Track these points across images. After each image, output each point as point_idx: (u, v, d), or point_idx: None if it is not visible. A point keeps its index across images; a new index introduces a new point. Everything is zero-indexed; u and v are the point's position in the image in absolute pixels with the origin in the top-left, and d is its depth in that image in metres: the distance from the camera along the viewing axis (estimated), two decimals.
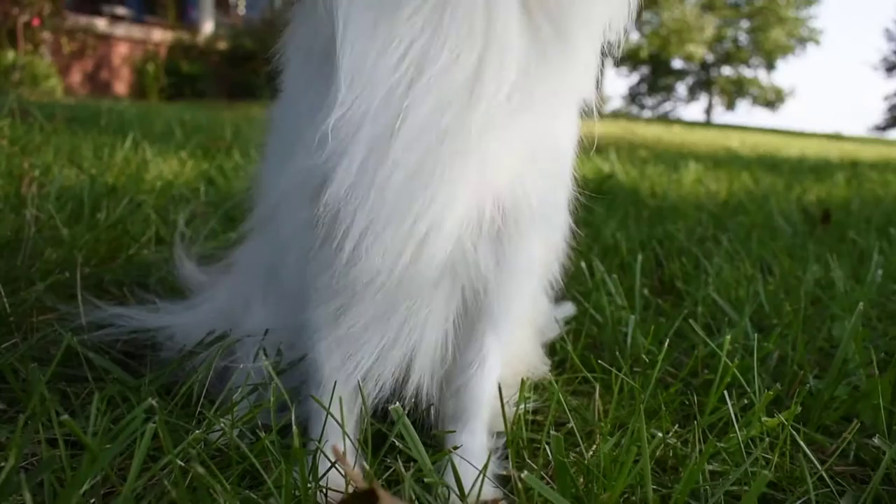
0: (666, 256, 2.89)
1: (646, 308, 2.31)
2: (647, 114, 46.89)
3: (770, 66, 50.07)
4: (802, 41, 48.49)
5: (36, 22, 15.19)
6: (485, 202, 1.18)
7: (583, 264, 2.30)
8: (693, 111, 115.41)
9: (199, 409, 1.45)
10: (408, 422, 1.19)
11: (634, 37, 42.19)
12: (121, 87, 17.59)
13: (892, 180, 7.13)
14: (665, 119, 32.15)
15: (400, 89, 1.11)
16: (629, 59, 45.54)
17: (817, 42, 48.66)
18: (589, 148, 1.38)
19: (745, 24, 47.88)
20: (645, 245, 2.99)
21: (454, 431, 1.37)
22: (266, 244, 1.55)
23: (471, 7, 1.09)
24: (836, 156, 11.97)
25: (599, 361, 1.68)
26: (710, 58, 47.95)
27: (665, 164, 7.08)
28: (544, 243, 1.38)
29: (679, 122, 23.92)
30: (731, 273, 2.55)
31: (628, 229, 3.38)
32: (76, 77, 16.93)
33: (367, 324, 1.30)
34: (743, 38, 48.57)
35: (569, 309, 2.06)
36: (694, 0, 39.09)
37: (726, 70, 50.55)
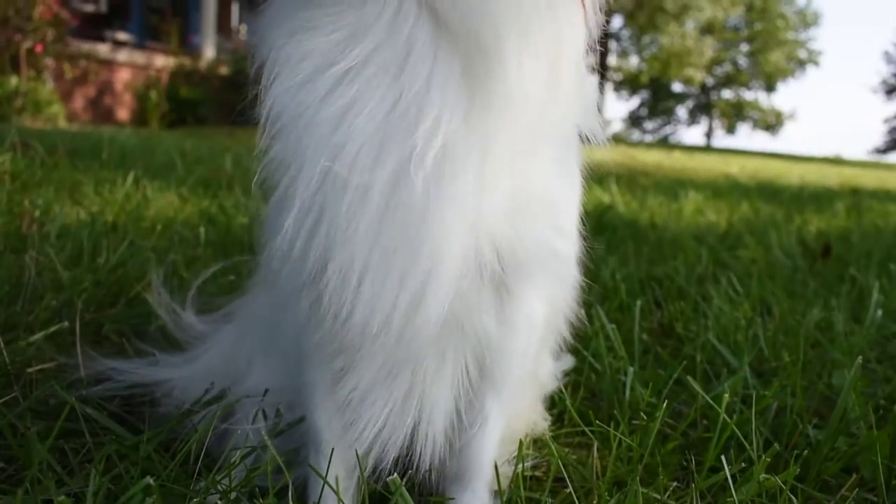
0: (665, 297, 2.89)
1: (645, 352, 2.31)
2: (647, 138, 47.08)
3: (770, 89, 50.32)
4: (802, 63, 48.75)
5: (39, 48, 15.26)
6: (482, 248, 1.13)
7: (582, 311, 2.30)
8: (693, 134, 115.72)
9: (197, 469, 1.45)
10: (406, 494, 1.18)
11: (634, 61, 42.45)
12: (123, 112, 17.66)
13: (893, 210, 7.15)
14: (665, 143, 32.25)
15: (331, 126, 1.08)
16: (629, 82, 45.80)
17: (817, 63, 48.92)
18: (590, 178, 1.37)
19: (744, 47, 48.18)
20: (644, 285, 3.00)
21: (453, 499, 1.36)
22: (267, 300, 1.54)
23: (386, 34, 1.06)
24: (837, 182, 12.00)
25: (598, 421, 1.67)
26: (709, 81, 48.22)
27: (665, 192, 7.10)
28: (547, 300, 1.34)
29: (679, 147, 24.00)
30: (731, 316, 2.55)
31: (628, 266, 3.38)
32: (79, 103, 16.99)
33: (368, 388, 1.27)
34: (742, 61, 48.86)
35: (568, 361, 2.05)
36: (693, 24, 39.27)
37: (726, 93, 50.83)
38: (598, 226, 4.64)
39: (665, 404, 1.61)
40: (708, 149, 26.33)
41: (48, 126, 13.89)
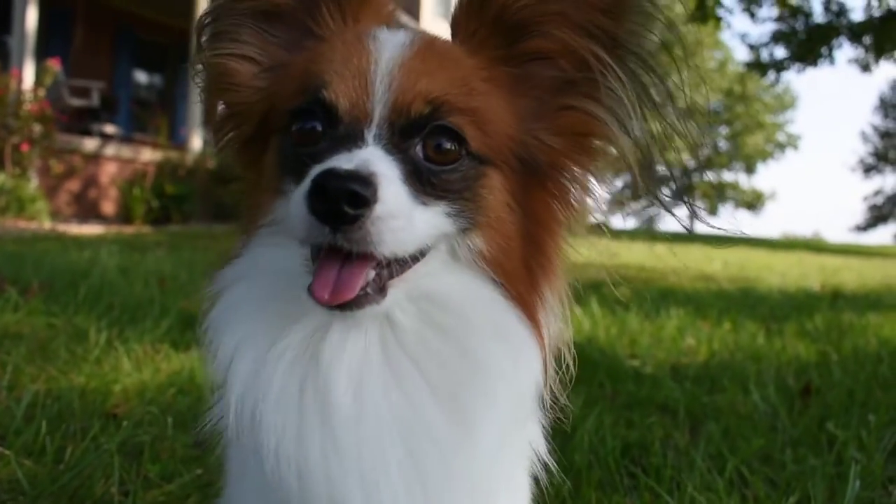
0: (640, 475, 2.86)
1: None
2: (631, 220, 47.56)
3: (750, 171, 51.18)
4: (781, 146, 49.69)
5: (25, 147, 15.30)
6: None
7: None
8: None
9: None
10: None
11: None
12: (108, 206, 17.60)
13: (872, 324, 7.17)
14: (649, 230, 32.52)
15: None
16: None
17: (795, 147, 49.86)
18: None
19: (724, 129, 49.13)
20: (619, 464, 2.96)
21: None
22: None
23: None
24: (818, 281, 12.10)
25: None
26: (690, 163, 49.01)
27: (647, 308, 7.12)
28: None
29: (662, 236, 24.11)
30: None
31: (603, 429, 3.34)
32: (63, 198, 16.94)
33: None
34: (723, 143, 49.76)
35: None
36: (673, 109, 39.97)
37: (708, 175, 51.63)
38: (580, 361, 4.61)
39: None
40: (690, 236, 26.50)
41: (32, 225, 13.88)
